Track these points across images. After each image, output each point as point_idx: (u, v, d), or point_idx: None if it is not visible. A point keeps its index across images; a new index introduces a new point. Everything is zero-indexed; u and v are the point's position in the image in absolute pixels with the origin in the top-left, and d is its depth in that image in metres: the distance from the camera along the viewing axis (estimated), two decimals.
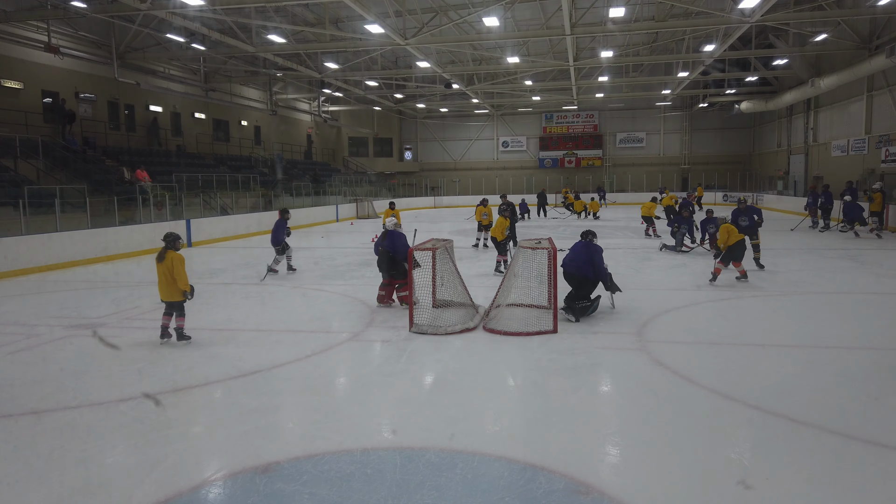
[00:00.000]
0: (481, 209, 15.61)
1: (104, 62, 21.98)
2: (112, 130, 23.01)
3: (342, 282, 11.27)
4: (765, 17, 17.93)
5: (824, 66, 26.98)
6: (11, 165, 17.00)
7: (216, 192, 21.98)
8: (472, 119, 44.50)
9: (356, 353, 6.84)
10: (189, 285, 6.96)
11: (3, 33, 18.84)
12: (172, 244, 6.98)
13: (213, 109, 29.28)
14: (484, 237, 15.87)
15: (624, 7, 19.99)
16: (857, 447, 4.27)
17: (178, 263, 6.86)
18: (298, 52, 24.18)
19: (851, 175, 23.12)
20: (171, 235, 7.05)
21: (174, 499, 3.65)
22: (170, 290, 6.90)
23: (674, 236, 14.49)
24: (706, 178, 40.13)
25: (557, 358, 6.38)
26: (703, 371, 5.86)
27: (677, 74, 29.30)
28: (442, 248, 8.13)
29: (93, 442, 4.48)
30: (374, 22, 17.89)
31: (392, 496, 3.60)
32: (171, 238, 7.01)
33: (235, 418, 4.88)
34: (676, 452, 4.23)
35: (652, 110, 41.69)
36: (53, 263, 13.20)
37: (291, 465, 4.02)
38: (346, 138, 43.31)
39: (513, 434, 4.58)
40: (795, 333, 7.27)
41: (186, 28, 19.50)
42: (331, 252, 16.11)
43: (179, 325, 7.07)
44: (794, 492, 3.70)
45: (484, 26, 21.03)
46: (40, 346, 6.96)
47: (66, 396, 5.32)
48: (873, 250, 14.27)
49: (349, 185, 34.46)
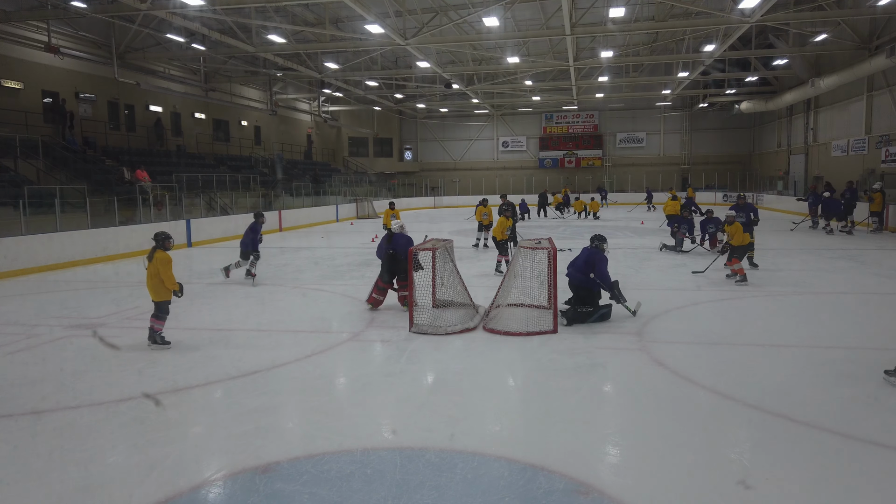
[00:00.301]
0: (481, 209, 15.66)
1: (104, 62, 21.97)
2: (112, 130, 23.02)
3: (342, 282, 11.27)
4: (765, 17, 17.93)
5: (824, 66, 26.98)
6: (11, 165, 17.00)
7: (216, 192, 21.98)
8: (472, 119, 44.49)
9: (356, 353, 6.84)
10: (177, 284, 6.87)
11: (3, 33, 18.84)
12: (161, 243, 6.93)
13: (213, 109, 29.28)
14: (484, 237, 15.89)
15: (624, 7, 20.00)
16: (857, 447, 4.27)
17: (164, 264, 6.76)
18: (298, 52, 24.19)
19: (852, 175, 23.13)
20: (161, 235, 7.00)
21: (174, 499, 3.65)
22: (158, 290, 6.84)
23: (673, 236, 14.57)
24: (706, 178, 40.14)
25: (557, 358, 6.38)
26: (703, 371, 5.86)
27: (677, 74, 29.29)
28: (442, 248, 8.13)
29: (93, 442, 4.48)
30: (374, 22, 17.89)
31: (392, 496, 3.60)
32: (161, 237, 6.97)
33: (235, 418, 4.88)
34: (676, 452, 4.23)
35: (652, 110, 41.68)
36: (53, 263, 13.20)
37: (291, 465, 4.02)
38: (346, 138, 43.31)
39: (513, 434, 4.58)
40: (795, 333, 7.27)
41: (186, 28, 19.50)
42: (331, 252, 16.11)
43: (156, 326, 6.84)
44: (794, 492, 3.69)
45: (484, 26, 21.03)
46: (40, 346, 6.96)
47: (66, 396, 5.32)
48: (873, 250, 14.28)
49: (349, 186, 34.46)
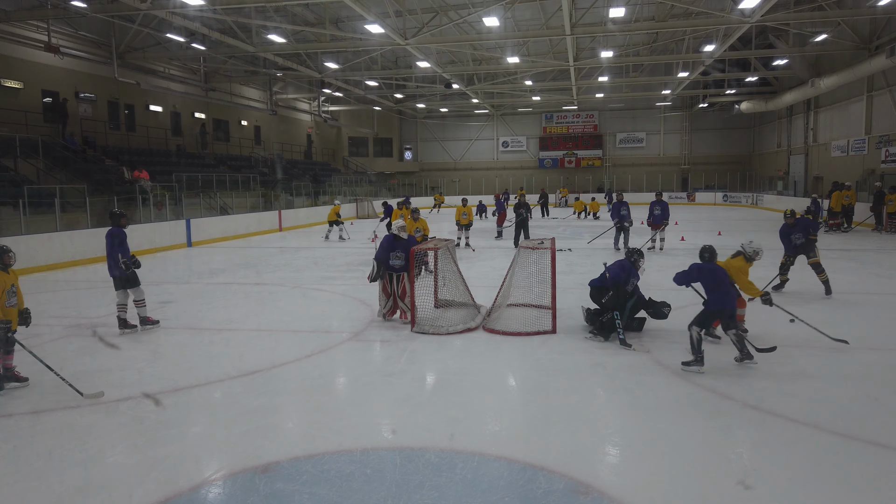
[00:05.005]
0: (461, 209, 16.45)
1: (104, 62, 21.97)
2: (112, 130, 23.02)
3: (342, 282, 11.27)
4: (765, 17, 17.93)
5: (824, 66, 26.98)
6: (11, 165, 16.99)
7: (216, 191, 21.99)
8: (472, 119, 44.49)
9: (356, 353, 6.83)
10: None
11: (3, 33, 18.84)
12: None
13: (213, 109, 29.29)
14: (466, 236, 16.42)
15: (624, 7, 19.99)
16: (857, 447, 4.27)
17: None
18: (298, 52, 24.20)
19: (852, 176, 23.13)
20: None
21: (174, 499, 3.65)
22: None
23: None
24: (706, 178, 40.13)
25: (557, 358, 6.38)
26: (704, 371, 5.86)
27: (677, 74, 29.29)
28: (444, 248, 8.13)
29: (93, 442, 4.48)
30: (374, 22, 17.89)
31: (392, 496, 3.60)
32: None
33: (235, 418, 4.88)
34: (676, 452, 4.23)
35: (652, 110, 41.68)
36: (53, 263, 13.20)
37: (291, 465, 4.02)
38: (346, 138, 43.31)
39: (513, 434, 4.58)
40: (795, 333, 7.27)
41: (186, 28, 19.50)
42: (331, 252, 16.11)
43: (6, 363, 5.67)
44: (794, 492, 3.70)
45: (484, 26, 21.03)
46: (40, 346, 6.94)
47: (65, 396, 5.32)
48: (873, 251, 14.29)
49: (349, 185, 34.46)
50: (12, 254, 5.63)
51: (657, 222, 14.41)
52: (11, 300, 5.53)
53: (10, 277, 5.57)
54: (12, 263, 5.63)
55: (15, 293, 5.59)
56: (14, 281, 5.61)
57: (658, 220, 14.37)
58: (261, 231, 21.75)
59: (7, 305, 5.47)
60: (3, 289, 5.43)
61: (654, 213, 14.38)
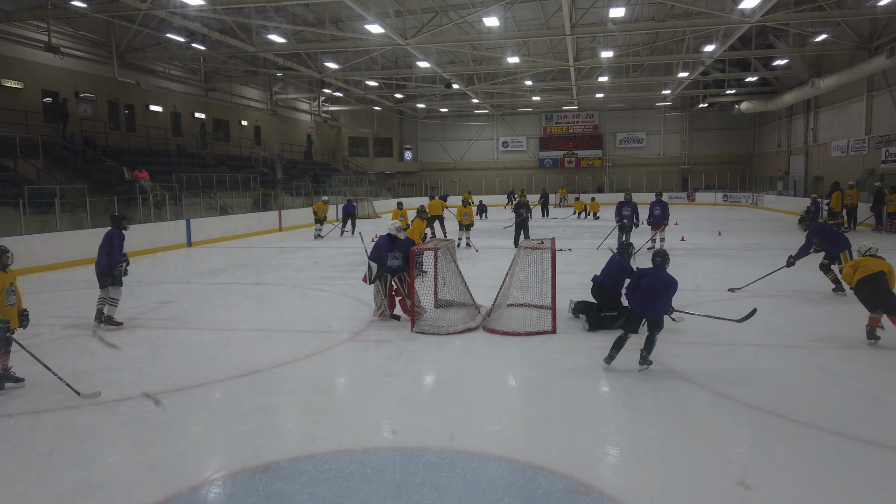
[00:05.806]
0: (461, 209, 16.38)
1: (104, 62, 21.98)
2: (112, 130, 23.02)
3: (342, 282, 11.27)
4: (765, 17, 17.94)
5: (824, 66, 26.99)
6: (11, 165, 17.00)
7: (216, 191, 21.99)
8: (472, 119, 44.50)
9: (356, 353, 6.83)
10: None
11: (3, 33, 18.84)
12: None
13: (213, 109, 29.29)
14: (467, 236, 16.41)
15: (624, 7, 19.99)
16: (857, 447, 4.27)
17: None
18: (298, 52, 24.21)
19: (852, 176, 23.13)
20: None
21: (174, 499, 3.65)
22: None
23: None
24: (706, 178, 40.13)
25: (557, 358, 6.38)
26: (703, 371, 5.86)
27: (677, 74, 29.30)
28: (444, 248, 8.13)
29: (93, 442, 4.47)
30: (374, 22, 17.90)
31: (392, 496, 3.60)
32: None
33: (235, 418, 4.88)
34: (676, 452, 4.23)
35: (652, 110, 41.69)
36: (53, 263, 13.20)
37: (291, 465, 4.02)
38: (346, 138, 43.30)
39: (513, 434, 4.58)
40: (795, 333, 7.27)
41: (186, 28, 19.50)
42: (331, 252, 16.11)
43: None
44: (794, 492, 3.69)
45: (484, 26, 21.04)
46: (40, 346, 6.94)
47: (66, 396, 5.31)
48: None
49: (349, 185, 34.46)
50: (10, 254, 5.68)
51: (657, 222, 14.44)
52: (10, 299, 5.55)
53: (9, 277, 5.60)
54: (10, 263, 5.66)
55: (13, 292, 5.61)
56: (12, 280, 5.63)
57: (658, 220, 14.43)
58: (261, 231, 21.75)
59: (6, 304, 5.49)
60: (1, 288, 5.46)
61: (654, 213, 14.42)
